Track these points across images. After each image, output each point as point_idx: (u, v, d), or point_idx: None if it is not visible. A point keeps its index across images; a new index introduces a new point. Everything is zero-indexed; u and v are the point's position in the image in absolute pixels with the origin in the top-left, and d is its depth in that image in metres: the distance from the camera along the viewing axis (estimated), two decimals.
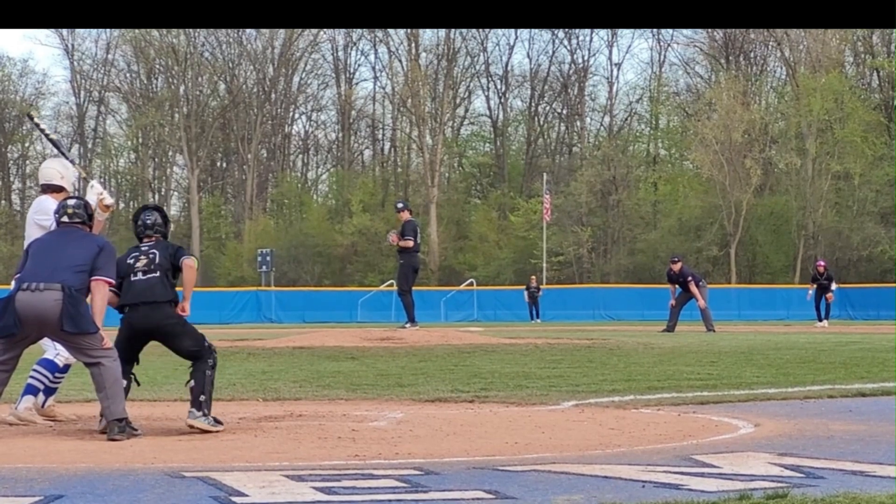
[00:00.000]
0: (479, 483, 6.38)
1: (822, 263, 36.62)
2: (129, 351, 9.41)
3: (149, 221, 9.56)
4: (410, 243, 22.37)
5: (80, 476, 6.69)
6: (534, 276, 51.94)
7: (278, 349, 20.18)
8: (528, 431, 8.96)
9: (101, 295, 8.95)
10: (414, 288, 23.59)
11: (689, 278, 30.71)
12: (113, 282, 8.98)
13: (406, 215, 22.99)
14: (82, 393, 12.20)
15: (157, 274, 9.20)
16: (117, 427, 8.58)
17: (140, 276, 9.20)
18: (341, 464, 7.20)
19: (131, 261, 9.30)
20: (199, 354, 9.33)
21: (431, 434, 8.82)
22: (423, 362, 16.66)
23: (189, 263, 9.24)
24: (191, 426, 8.94)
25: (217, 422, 9.05)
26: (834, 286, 35.67)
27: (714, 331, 29.69)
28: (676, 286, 30.80)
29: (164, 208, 9.90)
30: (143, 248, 9.40)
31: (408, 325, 22.95)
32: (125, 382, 9.17)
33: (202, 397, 9.11)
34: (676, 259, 31.97)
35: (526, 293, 48.89)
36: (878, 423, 9.36)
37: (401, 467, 7.00)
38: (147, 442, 8.39)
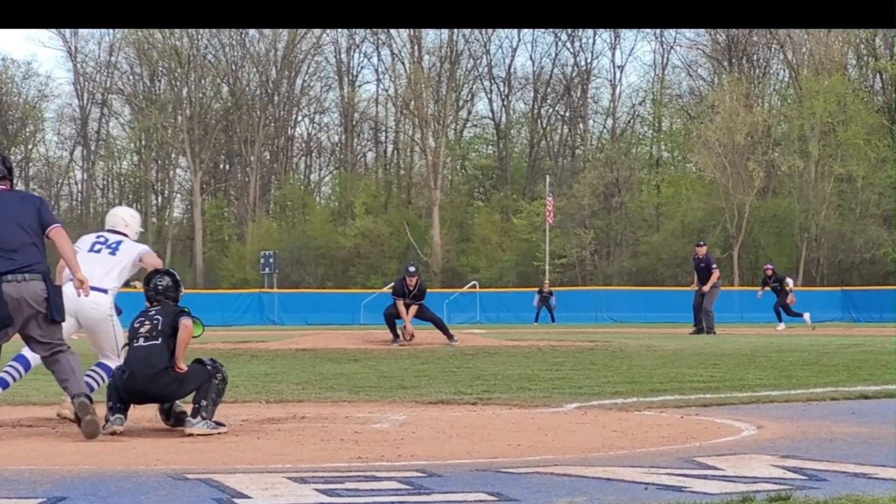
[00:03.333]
0: (481, 485, 6.39)
1: (770, 267, 36.28)
2: (126, 402, 9.35)
3: (160, 287, 9.62)
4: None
5: (82, 478, 6.69)
6: (547, 281, 51.93)
7: (281, 351, 20.20)
8: (531, 433, 8.96)
9: (65, 240, 9.04)
10: None
11: (714, 266, 30.06)
12: (58, 225, 9.07)
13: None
14: None
15: (159, 341, 9.24)
16: (86, 397, 8.70)
17: (142, 341, 9.26)
18: (344, 466, 7.21)
19: (137, 325, 9.39)
20: (206, 384, 9.26)
21: (434, 436, 8.83)
22: (426, 364, 16.67)
23: (185, 324, 9.24)
24: (188, 435, 8.93)
25: (218, 424, 9.04)
26: (790, 286, 34.91)
27: (714, 332, 29.33)
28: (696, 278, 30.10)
29: (174, 274, 9.85)
30: (149, 313, 9.46)
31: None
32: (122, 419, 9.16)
33: (203, 402, 9.09)
34: (702, 243, 31.55)
35: (538, 296, 48.79)
36: (881, 426, 9.36)
37: (404, 469, 7.00)
38: (150, 444, 8.40)
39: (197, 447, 8.21)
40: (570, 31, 71.93)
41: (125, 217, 10.69)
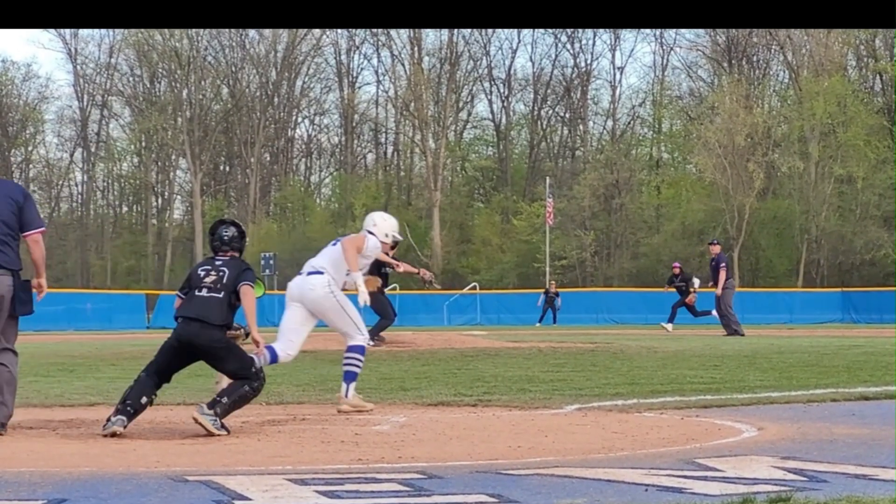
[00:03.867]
0: (482, 487, 6.38)
1: (678, 266, 36.04)
2: (165, 364, 9.39)
3: (225, 237, 9.58)
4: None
5: (83, 480, 6.69)
6: (553, 282, 51.93)
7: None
8: (532, 435, 8.95)
9: (38, 247, 9.16)
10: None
11: (723, 264, 29.06)
12: (44, 229, 9.13)
13: None
14: (85, 397, 12.22)
15: (221, 295, 9.21)
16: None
17: (205, 292, 9.24)
18: (344, 468, 7.20)
19: (202, 273, 9.36)
20: (243, 376, 9.29)
21: (434, 438, 8.82)
22: (426, 366, 16.66)
23: (245, 291, 9.23)
24: (194, 419, 8.93)
25: (223, 427, 9.01)
26: (696, 287, 34.62)
27: (741, 334, 28.69)
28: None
29: (239, 224, 9.86)
30: (216, 263, 9.42)
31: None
32: (146, 399, 9.13)
33: (224, 399, 9.08)
34: (714, 241, 30.62)
35: (543, 297, 48.80)
36: (881, 427, 9.35)
37: (404, 471, 7.00)
38: (150, 446, 8.40)
39: (197, 449, 8.21)
40: (570, 32, 72.02)
41: (375, 218, 11.54)
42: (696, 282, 33.27)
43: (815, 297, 50.68)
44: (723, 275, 29.04)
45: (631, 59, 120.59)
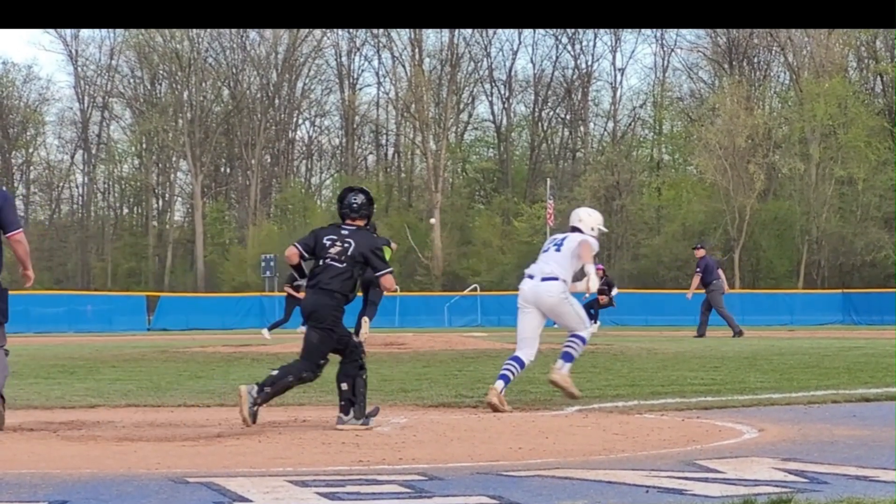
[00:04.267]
0: (483, 488, 6.38)
1: (601, 268, 36.29)
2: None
3: (355, 204, 9.61)
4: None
5: (83, 482, 6.69)
6: None
7: (282, 354, 20.14)
8: (532, 437, 8.96)
9: (20, 246, 9.22)
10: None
11: (697, 269, 29.10)
12: (21, 230, 9.22)
13: None
14: (86, 399, 12.22)
15: (344, 266, 9.30)
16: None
17: (329, 261, 9.35)
18: (345, 469, 7.21)
19: (327, 243, 9.43)
20: (344, 350, 9.45)
21: (435, 439, 8.83)
22: (427, 368, 16.67)
23: (385, 284, 9.47)
24: (337, 428, 9.23)
25: (367, 420, 9.26)
26: (615, 293, 34.93)
27: (740, 334, 28.74)
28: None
29: (368, 191, 9.88)
30: (342, 233, 9.46)
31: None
32: (284, 382, 9.55)
33: (355, 407, 9.30)
34: (697, 245, 30.67)
35: None
36: (882, 428, 9.36)
37: (405, 472, 7.00)
38: (151, 447, 8.40)
39: (198, 451, 8.21)
40: (570, 34, 72.02)
41: (580, 214, 12.19)
42: (615, 290, 33.97)
43: (816, 298, 50.63)
44: (695, 280, 29.18)
45: (632, 61, 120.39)
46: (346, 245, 9.32)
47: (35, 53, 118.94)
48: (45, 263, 73.86)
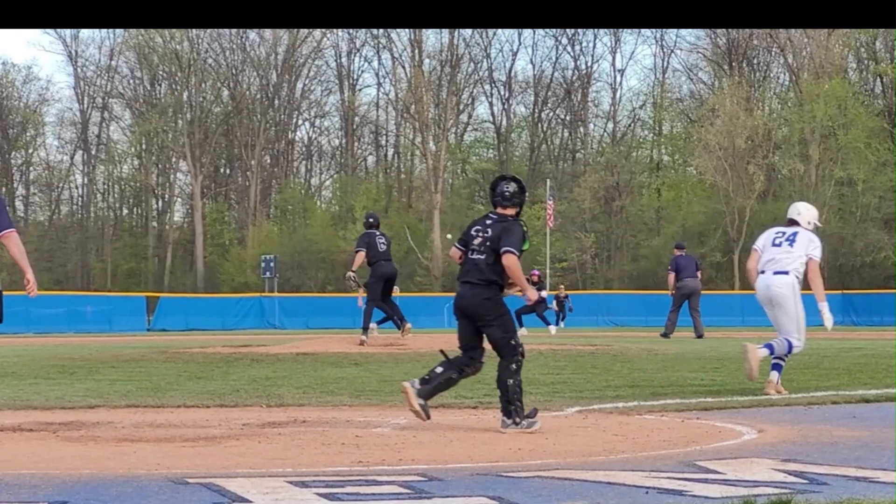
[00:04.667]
0: (482, 489, 6.38)
1: (536, 273, 37.36)
2: (460, 335, 9.74)
3: (507, 192, 9.68)
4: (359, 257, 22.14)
5: (83, 482, 6.69)
6: (562, 286, 51.98)
7: (282, 355, 20.18)
8: (532, 437, 8.95)
9: (15, 245, 9.29)
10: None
11: (669, 268, 29.67)
12: (13, 229, 9.30)
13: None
14: (86, 399, 12.21)
15: (484, 256, 9.40)
16: None
17: (474, 254, 9.49)
18: (345, 470, 7.20)
19: (473, 233, 9.58)
20: (503, 349, 9.59)
21: (435, 440, 8.82)
22: (427, 368, 16.63)
23: (508, 265, 9.38)
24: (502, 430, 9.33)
25: (531, 422, 9.31)
26: (544, 294, 35.47)
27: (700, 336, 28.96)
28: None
29: (520, 180, 9.97)
30: (486, 223, 9.58)
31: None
32: (446, 374, 9.60)
33: (511, 408, 9.41)
34: (676, 245, 31.12)
35: (554, 300, 48.82)
36: (882, 429, 9.35)
37: (404, 473, 7.00)
38: (151, 448, 8.39)
39: (198, 451, 8.21)
40: (570, 35, 72.07)
41: (799, 207, 12.86)
42: (545, 294, 35.29)
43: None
44: (669, 279, 29.85)
45: (631, 62, 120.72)
46: (485, 234, 9.47)
47: (35, 54, 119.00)
48: (44, 264, 73.86)
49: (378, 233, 22.46)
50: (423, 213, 72.00)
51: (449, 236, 66.37)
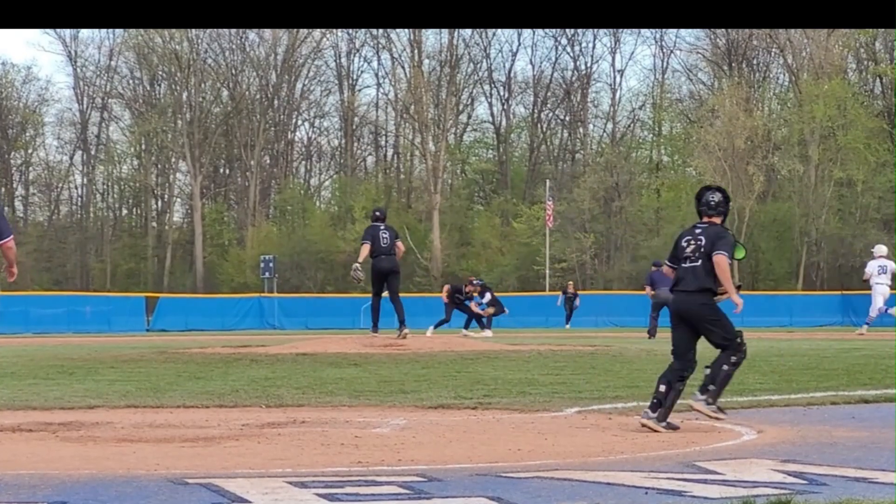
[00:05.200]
0: (482, 489, 6.38)
1: (476, 282, 37.77)
2: (675, 344, 9.95)
3: (712, 202, 9.91)
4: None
5: (82, 483, 6.69)
6: (571, 283, 51.98)
7: (281, 356, 20.18)
8: (531, 438, 8.96)
9: (10, 252, 9.87)
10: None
11: (645, 283, 31.94)
12: (12, 236, 9.78)
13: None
14: (85, 400, 12.22)
15: (699, 263, 9.62)
16: None
17: (687, 263, 9.71)
18: (344, 470, 7.20)
19: (684, 244, 9.81)
20: (726, 347, 9.86)
21: (434, 440, 8.83)
22: (426, 369, 16.66)
23: (717, 261, 9.58)
24: (690, 406, 9.64)
25: (720, 409, 9.57)
26: (487, 297, 35.97)
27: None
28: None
29: (724, 189, 10.32)
30: (696, 231, 9.79)
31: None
32: (664, 387, 9.68)
33: (711, 386, 9.70)
34: (656, 263, 32.56)
35: (562, 297, 48.88)
36: (881, 430, 9.36)
37: (404, 474, 7.00)
38: (150, 448, 8.40)
39: (197, 452, 8.21)
40: (570, 35, 72.03)
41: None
42: (487, 296, 35.64)
43: (815, 299, 50.64)
44: (646, 290, 31.54)
45: (631, 62, 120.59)
46: (698, 242, 9.66)
47: (34, 54, 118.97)
48: (44, 264, 73.86)
49: (383, 226, 22.51)
50: (422, 213, 71.96)
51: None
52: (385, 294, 22.86)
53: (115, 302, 52.59)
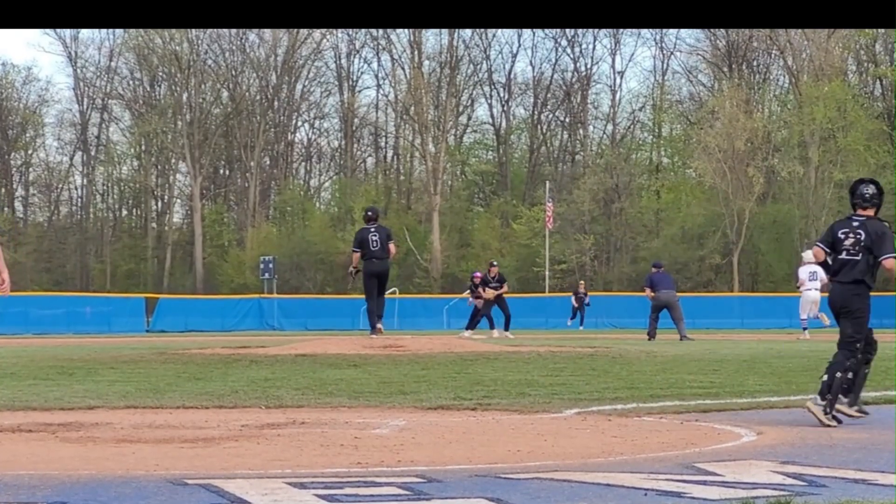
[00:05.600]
0: (481, 491, 6.38)
1: (478, 274, 37.68)
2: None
3: (867, 194, 10.02)
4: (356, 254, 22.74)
5: (82, 483, 6.69)
6: (582, 282, 52.00)
7: (281, 356, 20.17)
8: (531, 439, 8.95)
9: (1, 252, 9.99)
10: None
11: (644, 285, 32.69)
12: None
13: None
14: (85, 400, 12.21)
15: (859, 256, 9.76)
16: None
17: (845, 255, 9.84)
18: (344, 471, 7.20)
19: (842, 236, 9.90)
20: (845, 344, 10.11)
21: (434, 442, 8.82)
22: (426, 370, 16.65)
23: (888, 266, 9.77)
24: (806, 408, 9.73)
25: (834, 418, 9.63)
26: (467, 295, 36.79)
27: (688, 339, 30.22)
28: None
29: (878, 182, 10.37)
30: (853, 224, 9.88)
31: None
32: (860, 373, 10.04)
33: (829, 396, 9.78)
34: (655, 264, 33.37)
35: (574, 298, 48.94)
36: (881, 432, 9.36)
37: (403, 475, 7.00)
38: (150, 449, 8.39)
39: (197, 452, 8.21)
40: (570, 36, 72.08)
41: None
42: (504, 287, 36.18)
43: None
44: (646, 292, 31.96)
45: (631, 64, 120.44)
46: (858, 236, 9.75)
47: (34, 55, 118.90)
48: (43, 265, 73.90)
49: (373, 228, 22.67)
50: (422, 214, 71.99)
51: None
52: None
53: (115, 303, 52.60)
